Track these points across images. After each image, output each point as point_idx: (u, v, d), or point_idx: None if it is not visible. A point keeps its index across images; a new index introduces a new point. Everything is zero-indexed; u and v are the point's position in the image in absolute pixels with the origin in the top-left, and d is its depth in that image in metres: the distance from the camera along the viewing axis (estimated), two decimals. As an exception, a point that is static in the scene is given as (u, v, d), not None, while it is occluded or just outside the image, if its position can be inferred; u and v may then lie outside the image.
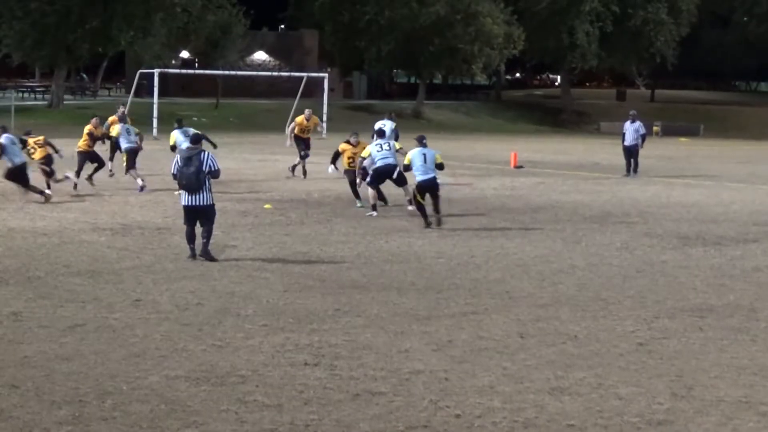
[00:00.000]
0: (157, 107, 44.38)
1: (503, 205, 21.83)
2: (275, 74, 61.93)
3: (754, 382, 8.94)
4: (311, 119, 26.91)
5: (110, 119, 25.78)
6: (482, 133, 57.73)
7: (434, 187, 17.76)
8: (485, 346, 9.92)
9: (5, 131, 20.38)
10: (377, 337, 10.18)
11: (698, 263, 14.99)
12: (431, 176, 17.66)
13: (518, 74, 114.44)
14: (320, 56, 73.81)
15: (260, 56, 72.91)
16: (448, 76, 79.94)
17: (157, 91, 45.13)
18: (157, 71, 46.06)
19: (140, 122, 37.54)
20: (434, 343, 9.99)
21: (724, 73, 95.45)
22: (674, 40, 72.16)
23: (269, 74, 62.55)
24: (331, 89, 52.19)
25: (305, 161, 26.35)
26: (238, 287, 12.48)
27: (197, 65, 64.75)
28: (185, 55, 67.86)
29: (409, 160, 17.92)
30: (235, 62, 61.98)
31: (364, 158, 19.30)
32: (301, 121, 26.66)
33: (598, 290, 12.83)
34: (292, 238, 16.55)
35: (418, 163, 17.69)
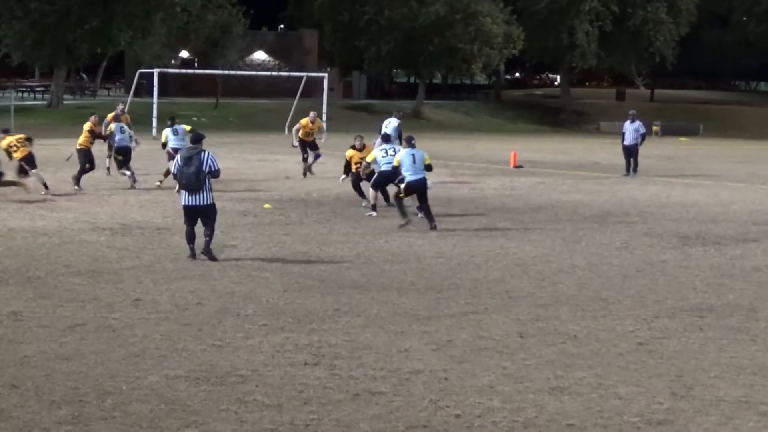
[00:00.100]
0: (156, 107, 44.36)
1: (503, 204, 21.83)
2: (275, 74, 61.91)
3: (753, 381, 8.94)
4: (315, 122, 26.99)
5: (109, 116, 25.90)
6: (482, 132, 57.74)
7: (423, 187, 17.78)
8: (485, 345, 9.93)
9: None
10: (377, 336, 10.18)
11: (698, 263, 14.99)
12: (421, 176, 17.68)
13: (518, 74, 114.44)
14: (320, 56, 73.85)
15: (260, 56, 72.92)
16: (447, 75, 80.00)
17: (156, 90, 45.12)
18: (156, 71, 46.05)
19: (140, 122, 37.59)
20: (434, 342, 9.99)
21: (723, 72, 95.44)
22: (674, 39, 72.18)
23: (269, 74, 62.54)
24: (330, 89, 52.16)
25: (316, 162, 26.56)
26: (237, 287, 12.48)
27: (197, 65, 64.71)
28: (185, 54, 67.86)
29: (398, 161, 18.00)
30: (234, 62, 61.97)
31: (369, 163, 19.24)
32: (305, 123, 26.71)
33: (597, 290, 12.83)
34: (291, 237, 16.56)
35: (407, 163, 17.72)
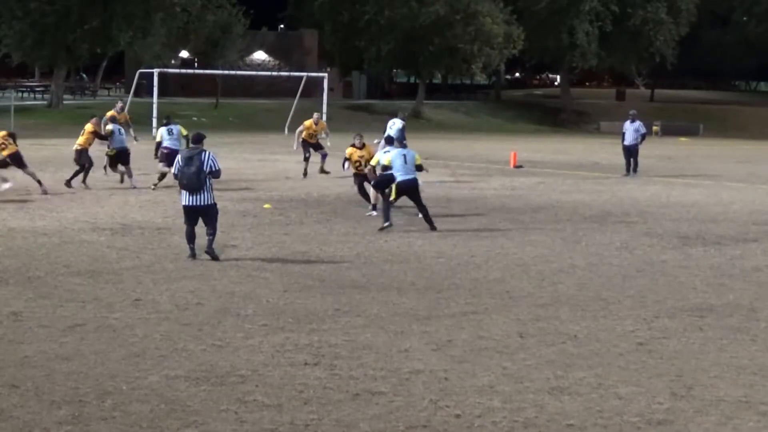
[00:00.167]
0: (156, 107, 44.38)
1: (503, 205, 21.83)
2: (275, 74, 61.94)
3: (753, 381, 8.94)
4: (319, 123, 27.04)
5: (108, 114, 25.99)
6: (482, 132, 57.74)
7: (414, 188, 17.72)
8: (485, 345, 9.93)
9: None
10: (377, 336, 10.18)
11: (698, 263, 14.99)
12: (412, 177, 17.63)
13: (518, 74, 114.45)
14: (320, 56, 73.85)
15: (260, 56, 72.94)
16: (447, 75, 79.99)
17: (156, 90, 45.15)
18: (156, 71, 46.07)
19: (140, 122, 37.61)
20: (434, 342, 9.99)
21: (723, 72, 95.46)
22: (674, 39, 72.20)
23: (269, 74, 62.57)
24: (330, 89, 52.21)
25: (325, 161, 26.53)
26: (237, 287, 12.48)
27: (197, 65, 64.72)
28: (185, 54, 67.87)
29: (389, 160, 17.92)
30: (234, 62, 61.98)
31: (374, 167, 19.21)
32: (309, 125, 26.77)
33: (598, 290, 12.83)
34: (291, 237, 16.56)
35: (398, 163, 17.67)
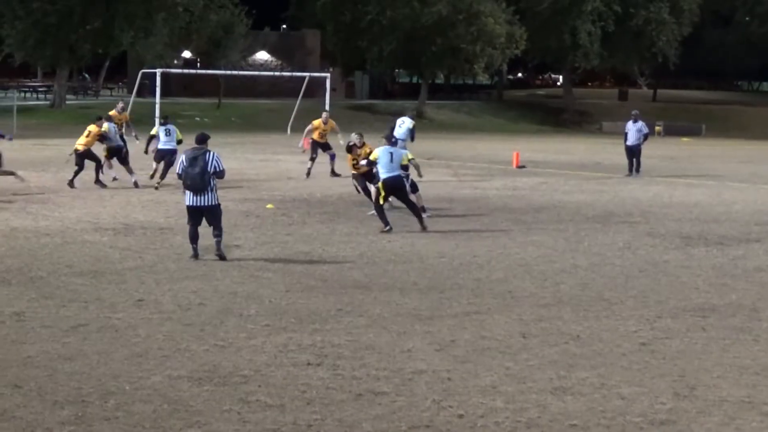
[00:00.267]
0: (159, 107, 44.35)
1: (505, 205, 21.82)
2: (277, 74, 61.87)
3: (756, 381, 8.94)
4: (328, 123, 26.93)
5: (110, 113, 26.10)
6: (484, 132, 57.72)
7: (400, 185, 17.64)
8: (488, 346, 9.93)
9: None
10: (380, 337, 10.18)
11: (700, 263, 14.99)
12: (396, 174, 17.52)
13: (520, 74, 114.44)
14: (322, 56, 73.82)
15: (262, 56, 72.93)
16: (450, 75, 79.89)
17: (159, 90, 45.09)
18: (159, 71, 46.00)
19: (142, 122, 37.63)
20: (437, 343, 9.99)
21: (726, 72, 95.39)
22: (676, 39, 72.14)
23: (271, 74, 62.49)
24: (333, 89, 52.07)
25: (334, 162, 26.54)
26: (240, 287, 12.48)
27: (199, 65, 64.75)
28: (187, 54, 67.86)
29: (375, 156, 17.87)
30: (237, 62, 61.99)
31: (371, 162, 19.16)
32: (318, 124, 26.70)
33: (600, 290, 12.83)
34: (294, 238, 16.56)
35: (384, 160, 17.57)
